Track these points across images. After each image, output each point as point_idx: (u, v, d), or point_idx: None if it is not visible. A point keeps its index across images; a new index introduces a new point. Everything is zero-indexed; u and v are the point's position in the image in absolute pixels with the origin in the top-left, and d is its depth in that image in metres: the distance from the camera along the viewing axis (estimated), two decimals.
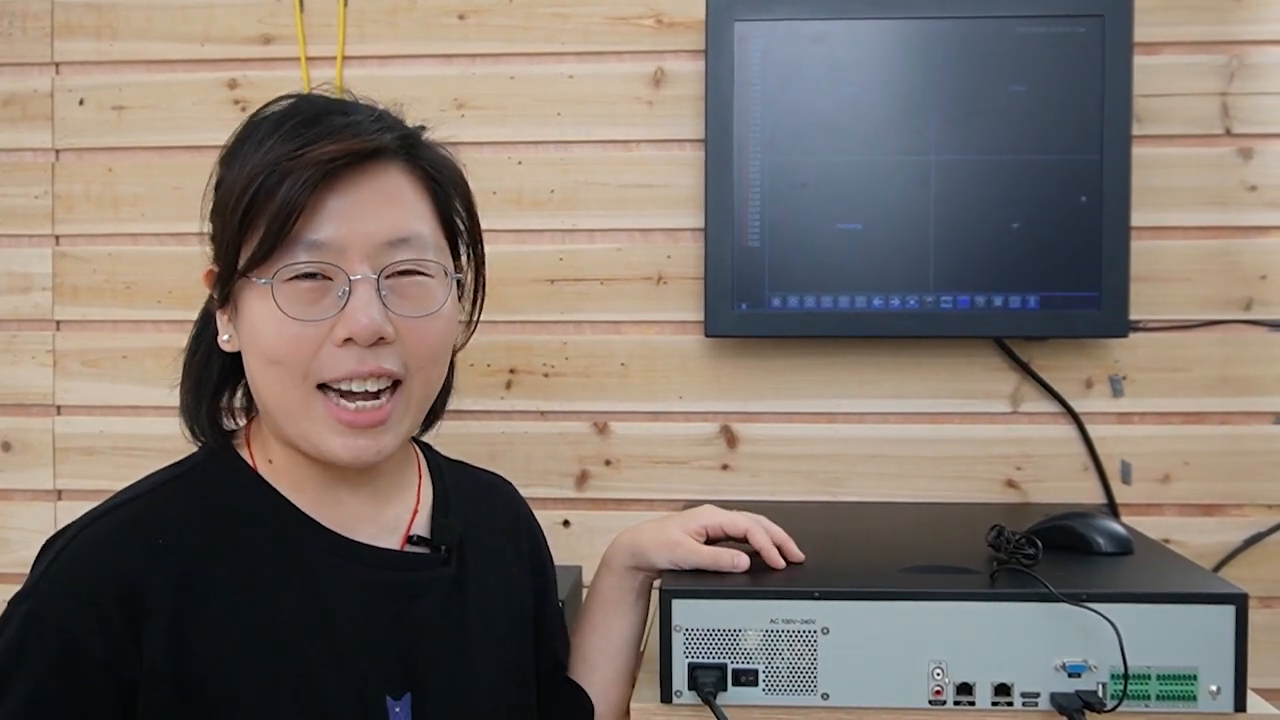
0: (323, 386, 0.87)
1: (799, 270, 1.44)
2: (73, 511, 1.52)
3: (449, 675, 0.94)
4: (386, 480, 0.97)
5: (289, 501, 0.92)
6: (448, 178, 0.95)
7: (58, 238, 1.58)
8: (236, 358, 0.93)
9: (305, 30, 1.54)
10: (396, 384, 0.89)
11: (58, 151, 1.58)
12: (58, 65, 1.57)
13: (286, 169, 0.84)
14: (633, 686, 1.10)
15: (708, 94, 1.45)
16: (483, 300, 1.00)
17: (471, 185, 0.98)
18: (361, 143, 0.86)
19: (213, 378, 0.96)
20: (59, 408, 1.58)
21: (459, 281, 0.95)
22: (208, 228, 0.91)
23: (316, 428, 0.87)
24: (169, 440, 0.97)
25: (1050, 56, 1.42)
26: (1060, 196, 1.42)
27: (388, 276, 0.87)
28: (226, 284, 0.89)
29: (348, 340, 0.85)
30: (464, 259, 0.97)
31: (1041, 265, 1.42)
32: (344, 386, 0.87)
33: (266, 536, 0.90)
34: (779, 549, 1.07)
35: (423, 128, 0.95)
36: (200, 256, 0.93)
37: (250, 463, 0.94)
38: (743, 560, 1.04)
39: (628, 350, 1.53)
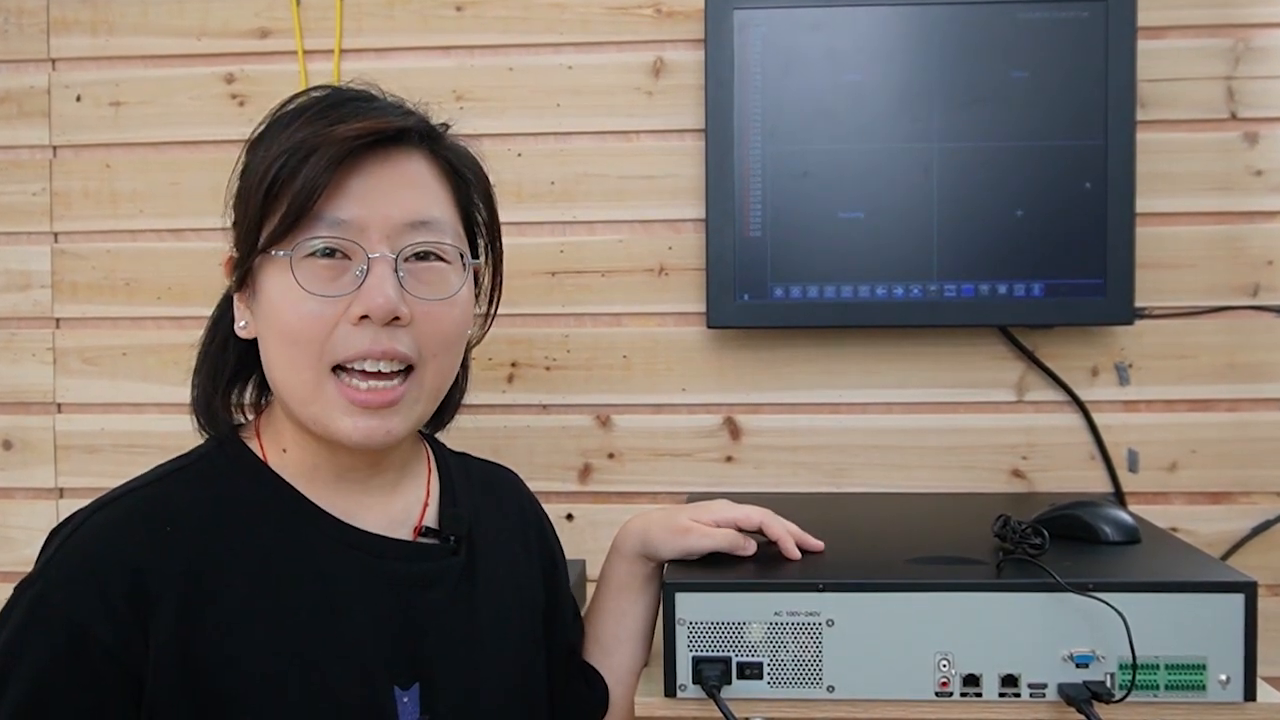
0: (336, 369, 0.88)
1: (801, 260, 1.43)
2: (74, 509, 1.53)
3: (458, 666, 0.94)
4: (397, 472, 0.97)
5: (298, 492, 0.92)
6: (470, 171, 0.96)
7: (56, 235, 1.57)
8: (251, 350, 0.93)
9: (302, 23, 1.53)
10: (409, 370, 0.90)
11: (55, 148, 1.57)
12: (54, 61, 1.57)
13: (311, 146, 0.85)
14: None
15: (708, 83, 1.44)
16: (499, 297, 1.01)
17: None
18: (386, 122, 0.88)
19: (229, 366, 0.96)
20: (59, 405, 1.57)
21: (475, 273, 0.96)
22: (230, 216, 0.92)
23: (328, 409, 0.88)
24: (170, 437, 0.97)
25: (1053, 41, 1.40)
26: (1064, 183, 1.40)
27: (405, 259, 0.88)
28: (246, 263, 0.89)
29: (363, 319, 0.86)
30: (482, 254, 0.98)
31: (1046, 252, 1.41)
32: (357, 366, 0.87)
33: (275, 526, 0.90)
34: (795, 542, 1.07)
35: (446, 125, 0.96)
36: (200, 253, 0.93)
37: (259, 454, 0.94)
38: (750, 544, 1.05)
39: (630, 342, 1.53)
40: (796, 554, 1.06)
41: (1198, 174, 1.46)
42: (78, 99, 1.56)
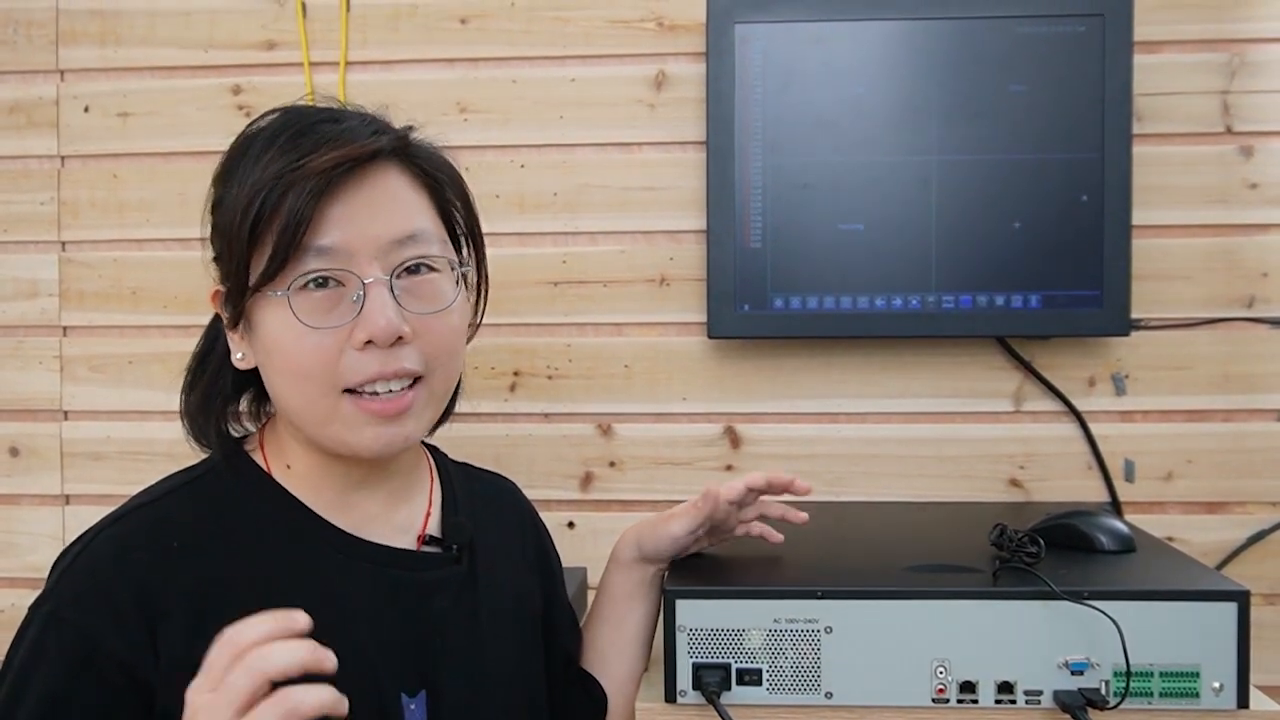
0: (348, 390, 0.88)
1: (801, 271, 1.44)
2: (80, 516, 1.55)
3: (462, 672, 0.95)
4: (401, 481, 0.98)
5: (303, 504, 0.93)
6: (444, 174, 0.96)
7: (64, 244, 1.58)
8: (243, 372, 0.94)
9: (308, 36, 1.55)
10: (417, 380, 0.90)
11: (63, 158, 1.58)
12: (62, 72, 1.58)
13: (289, 181, 0.85)
14: None
15: (709, 96, 1.45)
16: (486, 294, 1.02)
17: (474, 189, 0.99)
18: (360, 148, 0.88)
19: (225, 391, 0.97)
20: (66, 413, 1.59)
21: (464, 275, 0.96)
22: (210, 249, 0.92)
23: (348, 426, 0.88)
24: (176, 444, 0.98)
25: (1051, 56, 1.42)
26: (1061, 195, 1.42)
27: (398, 276, 0.89)
28: (238, 303, 0.89)
29: (368, 343, 0.86)
30: (465, 253, 0.98)
31: (1043, 264, 1.42)
32: (368, 389, 0.88)
33: (281, 538, 0.91)
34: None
35: (411, 127, 0.96)
36: (205, 262, 0.93)
37: (264, 467, 0.94)
38: (733, 488, 1.07)
39: (631, 352, 1.54)
40: (788, 479, 1.08)
41: (1194, 187, 1.48)
42: (86, 110, 1.58)
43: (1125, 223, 1.41)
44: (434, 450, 1.08)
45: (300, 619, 0.73)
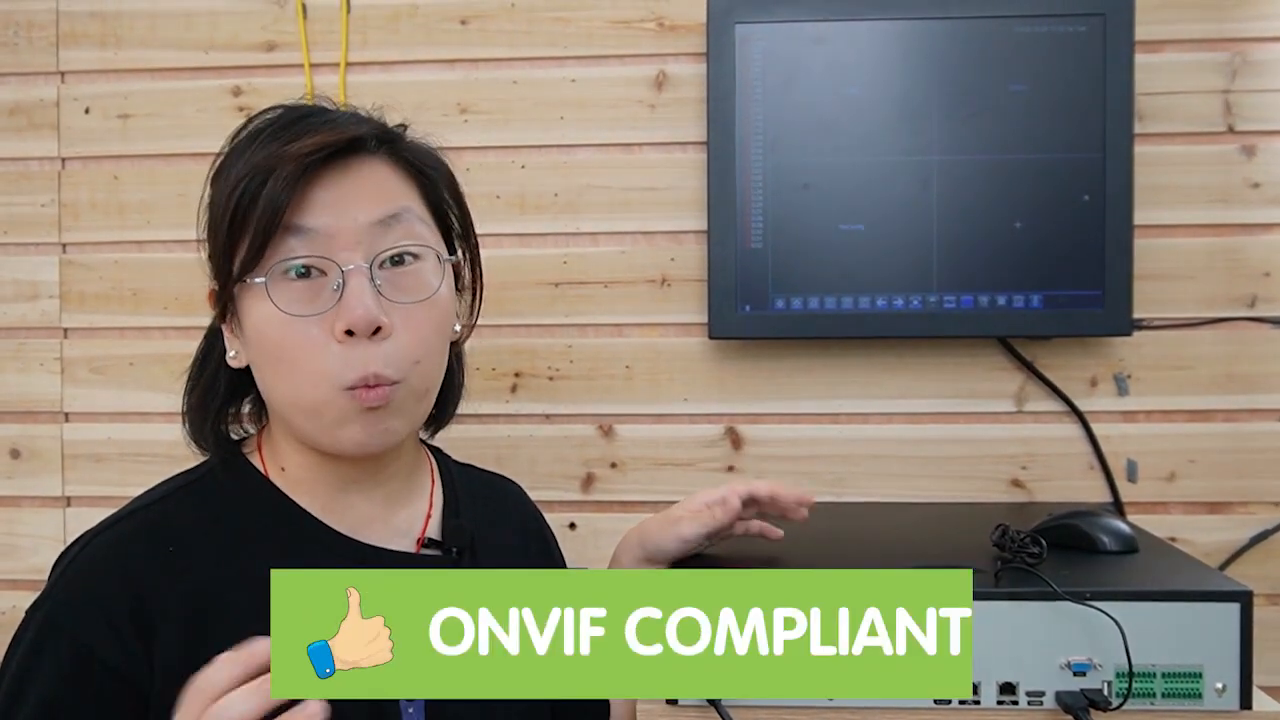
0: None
1: (802, 272, 1.44)
2: (81, 518, 1.55)
3: None
4: (399, 483, 0.98)
5: (300, 507, 0.93)
6: (436, 170, 0.96)
7: (64, 245, 1.58)
8: (241, 375, 0.94)
9: (308, 37, 1.55)
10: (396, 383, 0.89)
11: (64, 160, 1.58)
12: (63, 74, 1.58)
13: (269, 168, 0.85)
14: None
15: (709, 96, 1.45)
16: (481, 295, 1.01)
17: (474, 190, 0.99)
18: (340, 133, 0.88)
19: (220, 392, 0.96)
20: (67, 415, 1.59)
21: (455, 271, 0.96)
22: (204, 249, 0.92)
23: (335, 420, 0.87)
24: (177, 446, 0.98)
25: (1052, 55, 1.42)
26: (1063, 195, 1.42)
27: (380, 266, 0.88)
28: (225, 295, 0.89)
29: (348, 333, 0.85)
30: (459, 253, 0.98)
31: (1045, 264, 1.42)
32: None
33: (278, 542, 0.91)
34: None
35: (404, 126, 0.96)
36: (201, 263, 0.93)
37: (262, 470, 0.94)
38: (733, 498, 1.09)
39: (632, 353, 1.54)
40: (787, 495, 1.11)
41: (1195, 187, 1.47)
42: (86, 111, 1.58)
43: (1127, 222, 1.41)
44: (436, 452, 1.08)
45: (259, 649, 0.72)
